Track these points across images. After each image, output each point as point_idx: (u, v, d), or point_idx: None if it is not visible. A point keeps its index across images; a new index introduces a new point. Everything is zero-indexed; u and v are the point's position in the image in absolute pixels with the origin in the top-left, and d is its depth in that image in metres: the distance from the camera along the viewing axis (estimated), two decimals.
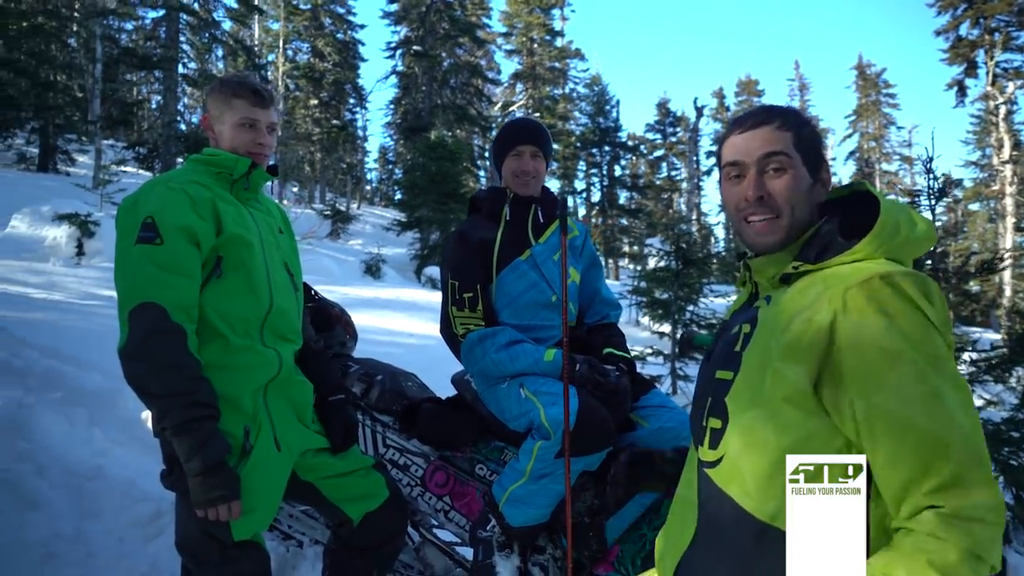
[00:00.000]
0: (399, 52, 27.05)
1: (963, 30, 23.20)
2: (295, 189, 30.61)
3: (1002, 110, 20.92)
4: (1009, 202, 20.96)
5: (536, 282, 2.28)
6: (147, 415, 3.70)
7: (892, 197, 1.25)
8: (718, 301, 8.48)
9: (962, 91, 23.61)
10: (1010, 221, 20.99)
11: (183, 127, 17.61)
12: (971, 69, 23.17)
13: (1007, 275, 18.95)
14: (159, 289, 1.69)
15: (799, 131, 1.21)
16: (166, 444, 1.74)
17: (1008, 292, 19.28)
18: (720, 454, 1.17)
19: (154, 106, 28.59)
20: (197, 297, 1.77)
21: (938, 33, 23.61)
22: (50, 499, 2.85)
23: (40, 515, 2.76)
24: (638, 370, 2.32)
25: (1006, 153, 20.74)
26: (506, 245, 2.30)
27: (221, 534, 1.76)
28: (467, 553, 2.36)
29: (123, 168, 17.20)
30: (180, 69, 17.53)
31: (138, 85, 27.82)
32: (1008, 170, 20.73)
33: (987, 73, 22.23)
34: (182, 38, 17.61)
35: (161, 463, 1.84)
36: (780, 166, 1.19)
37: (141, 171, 18.53)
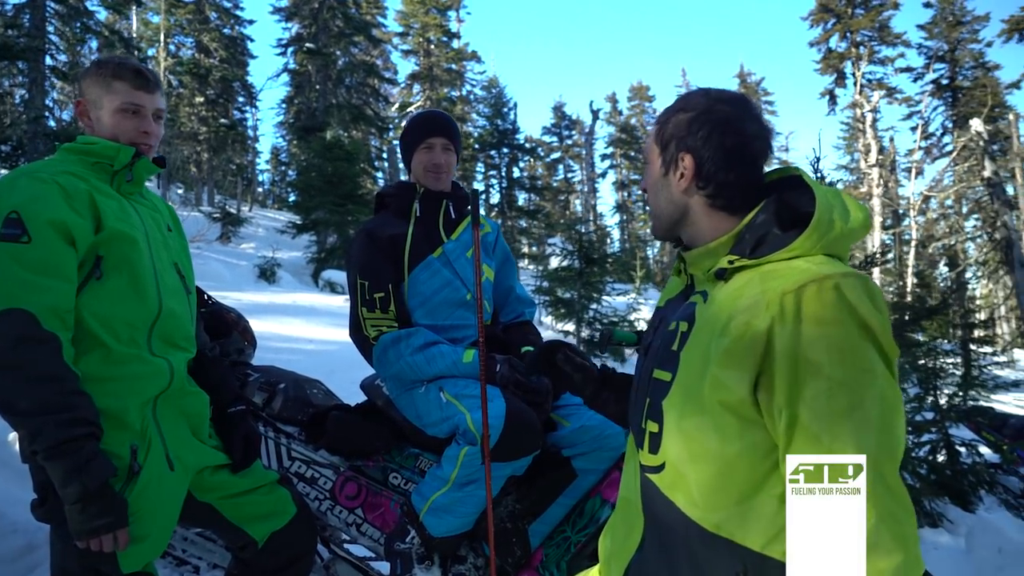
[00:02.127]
0: (291, 49, 26.10)
1: (833, 43, 24.99)
2: (180, 191, 28.94)
3: (868, 117, 22.56)
4: (876, 203, 22.61)
5: (450, 280, 2.20)
6: (15, 437, 3.34)
7: (827, 185, 1.25)
8: (619, 299, 8.65)
9: (833, 100, 25.42)
10: (877, 220, 22.64)
11: (52, 123, 16.23)
12: (840, 79, 24.99)
13: (876, 271, 20.45)
14: (27, 293, 1.48)
15: (664, 123, 1.21)
16: (38, 469, 1.54)
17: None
18: (661, 460, 1.13)
19: (18, 100, 26.30)
20: (73, 301, 1.56)
21: (811, 44, 25.31)
22: None
23: None
24: None
25: (872, 157, 22.37)
26: (417, 242, 2.20)
27: (107, 567, 1.57)
28: (382, 568, 2.24)
29: None
30: (48, 61, 16.16)
31: None
32: (875, 173, 22.37)
33: (855, 83, 23.98)
34: (50, 27, 16.24)
35: (32, 491, 1.62)
36: (643, 161, 1.28)
37: (2, 171, 16.99)
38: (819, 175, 4.37)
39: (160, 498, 1.65)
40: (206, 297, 2.47)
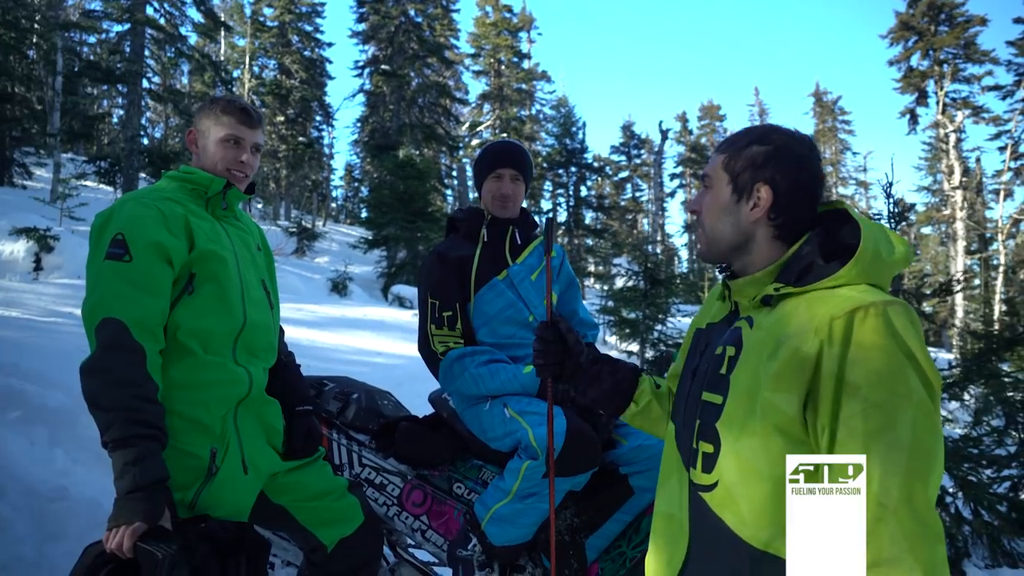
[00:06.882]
0: (367, 71, 27.08)
1: (914, 61, 24.18)
2: (259, 205, 30.24)
3: (952, 138, 21.72)
4: (960, 226, 21.68)
5: (513, 301, 2.31)
6: None
7: (872, 219, 1.30)
8: (684, 320, 8.58)
9: (914, 119, 24.53)
10: (961, 244, 21.70)
11: (146, 141, 17.28)
12: (922, 98, 24.11)
13: (959, 297, 19.56)
14: (123, 306, 1.66)
15: (734, 153, 1.26)
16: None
17: (960, 313, 19.89)
18: (715, 479, 1.18)
19: (116, 120, 28.05)
20: (164, 317, 1.73)
21: (891, 63, 24.54)
22: (10, 521, 2.76)
23: (0, 538, 2.67)
24: None
25: (956, 179, 21.50)
26: (484, 264, 2.32)
27: None
28: (444, 573, 2.35)
29: (83, 182, 16.84)
30: (144, 83, 17.25)
31: (100, 99, 27.31)
32: (958, 195, 21.48)
33: (937, 102, 23.12)
34: (147, 52, 17.35)
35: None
36: (706, 185, 1.30)
37: (102, 185, 18.16)
38: (891, 200, 4.29)
39: (232, 497, 1.79)
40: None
